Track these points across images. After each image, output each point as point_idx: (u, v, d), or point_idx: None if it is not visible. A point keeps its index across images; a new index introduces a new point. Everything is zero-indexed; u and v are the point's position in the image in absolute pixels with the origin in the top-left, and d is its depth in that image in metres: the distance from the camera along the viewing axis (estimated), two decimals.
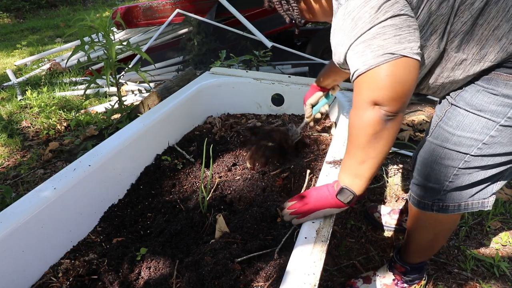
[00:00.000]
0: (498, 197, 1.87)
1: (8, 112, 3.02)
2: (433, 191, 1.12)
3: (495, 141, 0.96)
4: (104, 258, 1.25)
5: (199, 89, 2.01)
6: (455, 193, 1.09)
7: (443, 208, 1.13)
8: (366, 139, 0.90)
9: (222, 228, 1.27)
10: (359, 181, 0.99)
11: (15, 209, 1.17)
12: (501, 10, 0.85)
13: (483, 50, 0.89)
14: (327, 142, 1.72)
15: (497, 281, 1.48)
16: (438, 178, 1.09)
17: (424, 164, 1.12)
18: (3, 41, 5.43)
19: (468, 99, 0.96)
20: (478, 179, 1.05)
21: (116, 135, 1.56)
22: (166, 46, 3.66)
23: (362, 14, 0.83)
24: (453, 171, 1.05)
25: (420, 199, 1.16)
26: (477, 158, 1.00)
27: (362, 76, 0.86)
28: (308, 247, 0.96)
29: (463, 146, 1.00)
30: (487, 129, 0.95)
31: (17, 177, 2.20)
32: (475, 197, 1.10)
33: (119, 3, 7.59)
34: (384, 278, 1.40)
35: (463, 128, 0.99)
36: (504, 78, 0.90)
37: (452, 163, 1.04)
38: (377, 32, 0.82)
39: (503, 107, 0.91)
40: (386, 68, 0.82)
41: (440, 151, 1.05)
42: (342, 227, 1.74)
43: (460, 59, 0.92)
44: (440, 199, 1.12)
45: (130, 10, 3.41)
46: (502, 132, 0.94)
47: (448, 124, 1.02)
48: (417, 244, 1.30)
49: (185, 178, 1.61)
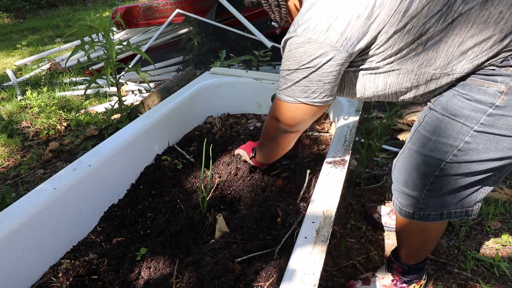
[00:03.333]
0: (498, 197, 1.87)
1: (8, 112, 3.02)
2: (413, 199, 1.11)
3: (470, 147, 0.95)
4: (104, 258, 1.25)
5: (199, 89, 2.01)
6: (435, 202, 1.08)
7: (424, 217, 1.12)
8: (266, 135, 1.26)
9: (222, 228, 1.27)
10: (258, 154, 1.44)
11: (15, 209, 1.17)
12: (463, 27, 0.86)
13: (450, 65, 0.91)
14: (327, 142, 1.72)
15: (497, 281, 1.48)
16: (416, 186, 1.08)
17: (402, 170, 1.11)
18: (3, 41, 5.43)
19: (444, 103, 0.96)
20: (457, 187, 1.03)
21: (116, 135, 1.56)
22: (166, 46, 3.66)
23: (296, 53, 0.97)
24: (430, 179, 1.04)
25: (402, 207, 1.16)
26: (453, 165, 0.99)
27: (276, 99, 1.11)
28: (308, 247, 0.96)
29: (438, 152, 0.99)
30: (462, 134, 0.94)
31: (17, 177, 2.20)
32: (457, 206, 1.08)
33: (119, 3, 7.59)
34: (383, 279, 1.40)
35: (438, 133, 0.98)
36: (478, 83, 0.90)
37: (428, 170, 1.03)
38: (295, 77, 1.00)
39: (476, 113, 0.91)
40: (288, 105, 1.07)
41: (417, 158, 1.05)
42: (342, 227, 1.73)
43: (430, 74, 0.94)
44: (421, 207, 1.10)
45: (130, 10, 3.40)
46: (477, 138, 0.93)
47: (425, 129, 1.02)
48: (407, 248, 1.30)
49: (185, 178, 1.61)
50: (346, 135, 1.44)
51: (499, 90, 0.87)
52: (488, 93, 0.88)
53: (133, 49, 2.29)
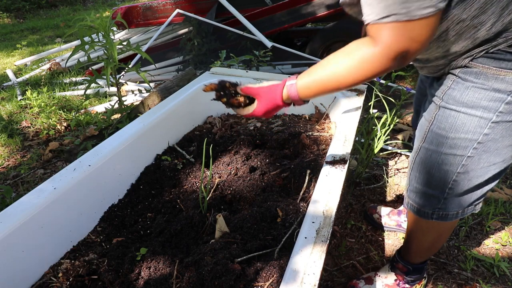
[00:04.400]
0: (498, 197, 1.87)
1: (8, 112, 3.02)
2: (434, 199, 1.11)
3: (489, 139, 0.95)
4: (104, 258, 1.25)
5: (199, 89, 2.01)
6: (455, 201, 1.09)
7: (443, 217, 1.12)
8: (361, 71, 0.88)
9: (222, 228, 1.27)
10: (309, 91, 0.99)
11: (15, 209, 1.17)
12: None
13: (482, 15, 0.84)
14: (327, 142, 1.72)
15: (497, 281, 1.48)
16: (438, 185, 1.08)
17: (422, 171, 1.11)
18: (3, 41, 5.43)
19: (458, 97, 0.96)
20: (477, 184, 1.04)
21: (116, 135, 1.56)
22: (166, 46, 3.66)
23: None
24: (453, 176, 1.04)
25: (420, 207, 1.15)
26: (474, 160, 0.99)
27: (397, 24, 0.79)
28: (308, 247, 0.96)
29: (458, 148, 0.99)
30: (480, 127, 0.94)
31: (17, 177, 2.20)
32: (472, 203, 1.09)
33: (119, 3, 7.59)
34: (386, 278, 1.40)
35: (456, 130, 0.98)
36: (494, 72, 0.89)
37: (450, 168, 1.03)
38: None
39: (495, 102, 0.91)
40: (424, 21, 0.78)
41: (436, 157, 1.04)
42: (342, 227, 1.74)
43: (459, 18, 0.86)
44: (441, 207, 1.11)
45: (130, 10, 3.41)
46: (494, 129, 0.93)
47: (440, 128, 1.01)
48: (419, 245, 1.29)
49: (185, 178, 1.61)
50: (346, 135, 1.44)
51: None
52: (506, 81, 0.88)
53: (134, 49, 2.29)
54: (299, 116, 2.03)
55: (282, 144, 1.71)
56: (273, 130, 1.86)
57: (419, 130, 1.10)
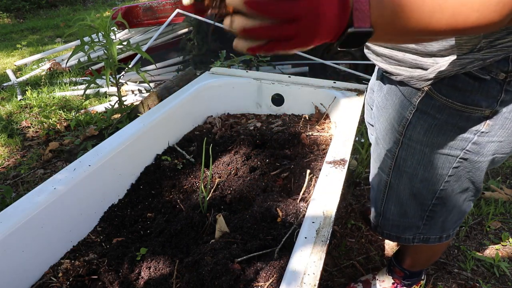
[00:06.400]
0: (498, 197, 1.87)
1: (8, 112, 3.02)
2: (413, 227, 1.09)
3: (459, 171, 0.93)
4: (104, 258, 1.25)
5: (199, 89, 2.01)
6: (436, 226, 1.07)
7: (425, 240, 1.11)
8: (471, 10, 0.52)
9: (222, 228, 1.27)
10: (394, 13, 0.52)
11: (15, 209, 1.17)
12: None
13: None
14: (327, 142, 1.72)
15: (497, 281, 1.48)
16: (415, 214, 1.06)
17: (396, 204, 1.08)
18: (3, 41, 5.43)
19: (421, 138, 0.92)
20: (455, 209, 1.03)
21: (116, 135, 1.56)
22: (166, 46, 3.66)
23: None
24: (429, 207, 1.03)
25: (400, 235, 1.14)
26: (447, 191, 0.98)
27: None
28: (308, 247, 0.96)
29: (429, 182, 0.97)
30: (449, 163, 0.92)
31: (17, 177, 2.20)
32: (455, 226, 1.08)
33: (119, 3, 7.59)
34: (384, 282, 1.40)
35: (424, 166, 0.96)
36: (459, 108, 0.83)
37: (425, 201, 1.02)
38: None
39: (461, 141, 0.88)
40: None
41: (410, 190, 1.02)
42: (342, 227, 1.74)
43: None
44: (421, 232, 1.09)
45: (130, 10, 3.41)
46: (463, 163, 0.91)
47: (406, 165, 0.99)
48: (414, 261, 1.30)
49: (185, 178, 1.61)
50: (346, 135, 1.44)
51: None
52: (473, 120, 0.85)
53: (133, 49, 2.29)
54: (299, 116, 2.04)
55: (282, 144, 1.71)
56: (273, 130, 1.86)
57: (379, 161, 1.06)
